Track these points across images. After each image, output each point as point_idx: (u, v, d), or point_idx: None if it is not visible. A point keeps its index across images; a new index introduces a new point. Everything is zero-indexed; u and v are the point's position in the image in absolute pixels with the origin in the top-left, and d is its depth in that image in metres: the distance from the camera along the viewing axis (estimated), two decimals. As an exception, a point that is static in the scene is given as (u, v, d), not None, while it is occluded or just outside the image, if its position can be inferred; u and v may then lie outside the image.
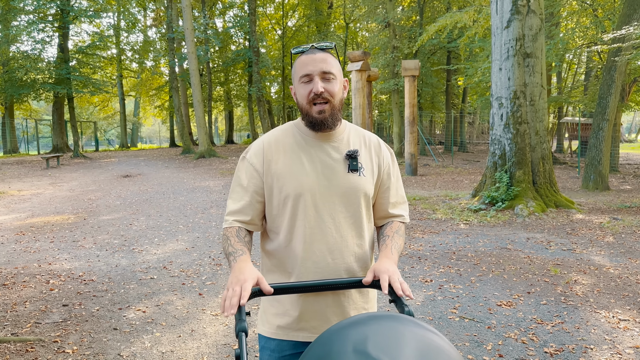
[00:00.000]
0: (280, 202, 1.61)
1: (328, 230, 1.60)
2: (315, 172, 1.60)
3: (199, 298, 4.79)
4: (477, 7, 15.45)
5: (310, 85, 1.55)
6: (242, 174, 1.65)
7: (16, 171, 18.10)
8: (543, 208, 8.87)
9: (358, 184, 1.62)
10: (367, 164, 1.66)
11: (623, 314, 4.25)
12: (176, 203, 10.81)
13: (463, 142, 29.59)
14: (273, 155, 1.62)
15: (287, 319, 1.63)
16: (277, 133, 1.68)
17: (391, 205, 1.74)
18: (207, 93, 32.11)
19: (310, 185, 1.58)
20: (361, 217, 1.65)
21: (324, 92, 1.54)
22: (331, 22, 34.32)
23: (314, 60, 1.54)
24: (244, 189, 1.63)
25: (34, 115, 36.77)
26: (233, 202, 1.64)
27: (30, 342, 3.74)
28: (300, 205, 1.58)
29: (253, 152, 1.65)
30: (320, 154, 1.62)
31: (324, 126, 1.58)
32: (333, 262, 1.60)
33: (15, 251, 6.72)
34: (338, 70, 1.59)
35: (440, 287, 5.07)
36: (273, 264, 1.68)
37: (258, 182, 1.62)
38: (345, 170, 1.62)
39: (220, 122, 63.27)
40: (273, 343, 1.65)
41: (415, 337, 0.93)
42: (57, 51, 24.84)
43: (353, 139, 1.68)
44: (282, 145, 1.64)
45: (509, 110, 9.35)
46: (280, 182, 1.60)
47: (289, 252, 1.62)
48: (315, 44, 1.60)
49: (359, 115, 15.03)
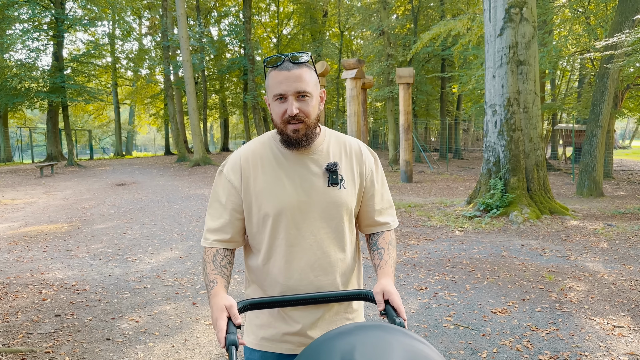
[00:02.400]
0: (260, 220, 1.58)
1: (309, 247, 1.56)
2: (295, 189, 1.56)
3: (193, 307, 4.76)
4: (470, 15, 15.55)
5: (285, 105, 1.49)
6: (220, 190, 1.61)
7: (10, 180, 18.00)
8: (537, 215, 8.88)
9: (339, 198, 1.58)
10: (347, 175, 1.62)
11: (617, 320, 4.25)
12: (171, 211, 10.78)
13: (458, 149, 29.67)
14: (251, 171, 1.58)
15: (271, 331, 1.61)
16: (254, 146, 1.63)
17: (377, 213, 1.69)
18: (203, 101, 32.12)
19: (290, 203, 1.55)
20: (343, 231, 1.61)
21: (299, 113, 1.49)
22: (326, 30, 34.46)
23: (287, 79, 1.47)
24: (223, 207, 1.59)
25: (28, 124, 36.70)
26: (212, 220, 1.61)
27: (22, 352, 3.70)
28: (281, 224, 1.55)
29: (230, 167, 1.61)
30: (299, 169, 1.57)
31: (298, 145, 1.53)
32: (316, 279, 1.57)
33: (7, 261, 6.66)
34: (314, 85, 1.53)
35: (435, 294, 5.06)
36: (252, 279, 1.67)
37: (236, 200, 1.59)
38: (325, 184, 1.57)
39: (216, 129, 63.24)
40: (257, 354, 1.63)
41: (403, 347, 0.93)
42: (51, 59, 24.79)
43: (333, 149, 1.63)
44: (260, 160, 1.59)
45: (503, 117, 9.39)
46: (259, 200, 1.56)
47: (267, 271, 1.59)
48: (290, 55, 1.51)
49: (354, 123, 15.06)
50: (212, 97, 36.67)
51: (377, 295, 1.44)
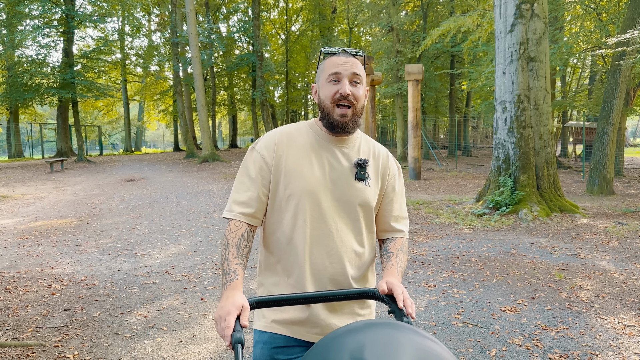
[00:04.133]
0: (284, 199, 1.60)
1: (329, 233, 1.59)
2: (323, 175, 1.60)
3: (201, 303, 4.77)
4: (480, 11, 15.44)
5: (338, 86, 1.56)
6: (251, 165, 1.63)
7: (20, 175, 18.15)
8: (547, 212, 8.81)
9: (362, 193, 1.62)
10: (373, 175, 1.67)
11: (628, 319, 4.20)
12: (179, 207, 10.81)
13: (467, 146, 29.53)
14: (284, 150, 1.61)
15: (282, 315, 1.63)
16: (289, 129, 1.67)
17: (393, 219, 1.73)
18: (211, 97, 32.19)
19: (316, 187, 1.58)
20: (361, 226, 1.65)
21: (350, 95, 1.55)
22: (335, 26, 34.38)
23: (345, 62, 1.56)
24: (252, 181, 1.61)
25: (39, 120, 36.98)
26: (238, 193, 1.62)
27: (31, 346, 3.73)
28: (305, 206, 1.57)
29: (264, 144, 1.63)
30: (330, 158, 1.62)
31: (343, 130, 1.59)
32: (331, 266, 1.59)
33: (18, 255, 6.72)
34: (364, 78, 1.62)
35: (443, 292, 5.03)
36: (273, 261, 1.66)
37: (266, 175, 1.61)
38: (352, 177, 1.62)
39: (224, 126, 63.39)
40: (266, 336, 1.64)
41: (413, 345, 0.91)
42: (61, 56, 24.93)
43: (363, 148, 1.68)
44: (294, 142, 1.63)
45: (513, 114, 9.32)
46: (287, 179, 1.59)
47: (291, 250, 1.61)
48: (347, 49, 1.61)
49: (363, 120, 14.98)
50: (221, 94, 36.75)
51: (382, 285, 1.44)
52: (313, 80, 29.80)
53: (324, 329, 1.62)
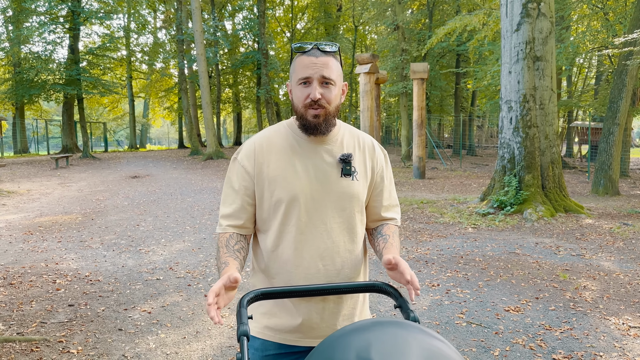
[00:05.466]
0: (271, 207, 1.57)
1: (319, 235, 1.56)
2: (308, 177, 1.56)
3: (205, 300, 4.78)
4: (486, 10, 15.38)
5: (308, 90, 1.50)
6: (234, 176, 1.61)
7: (26, 171, 18.22)
8: (552, 213, 8.78)
9: (351, 189, 1.59)
10: (360, 168, 1.63)
11: (633, 320, 4.18)
12: (183, 204, 10.83)
13: (472, 146, 29.45)
14: (265, 157, 1.58)
15: (275, 321, 1.60)
16: (268, 133, 1.63)
17: (384, 209, 1.71)
18: (216, 95, 32.19)
19: (303, 191, 1.55)
20: (354, 222, 1.62)
21: (321, 98, 1.50)
22: (340, 24, 34.32)
23: (314, 64, 1.49)
24: (235, 192, 1.60)
25: (44, 116, 37.07)
26: (225, 206, 1.62)
27: (36, 341, 3.74)
28: (293, 211, 1.55)
29: (244, 153, 1.61)
30: (314, 157, 1.58)
31: (316, 131, 1.54)
32: (324, 268, 1.56)
33: (22, 250, 6.74)
34: (338, 75, 1.55)
35: (447, 291, 5.02)
36: (260, 267, 1.66)
37: (249, 185, 1.59)
38: (339, 174, 1.58)
39: (229, 123, 63.44)
40: (258, 342, 1.63)
41: (420, 344, 0.90)
42: (67, 52, 24.99)
43: (347, 141, 1.64)
44: (274, 146, 1.59)
45: (519, 113, 9.28)
46: (272, 186, 1.56)
47: (276, 257, 1.59)
48: (318, 43, 1.54)
49: (367, 118, 14.99)
50: (226, 91, 36.75)
51: (387, 261, 1.40)
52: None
53: (319, 332, 1.60)
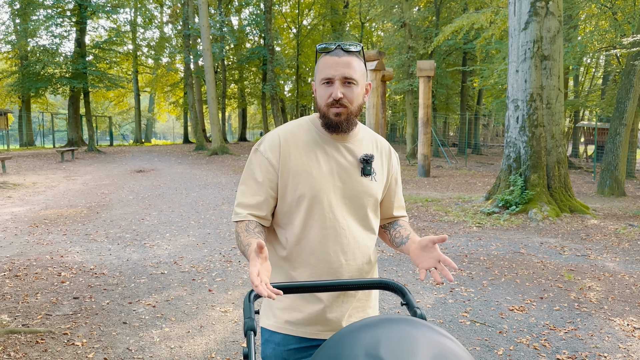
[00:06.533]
0: (294, 200, 1.58)
1: (342, 231, 1.59)
2: (331, 173, 1.59)
3: (209, 294, 4.79)
4: (494, 8, 15.31)
5: (331, 89, 1.53)
6: (257, 168, 1.60)
7: (31, 164, 18.30)
8: (557, 213, 8.75)
9: (370, 189, 1.63)
10: (378, 169, 1.67)
11: (638, 322, 4.17)
12: (188, 199, 10.85)
13: (477, 145, 29.36)
14: (289, 150, 1.58)
15: (296, 314, 1.61)
16: (292, 127, 1.64)
17: (396, 209, 1.79)
18: (222, 90, 32.22)
19: (327, 186, 1.57)
20: (370, 220, 1.67)
21: (343, 98, 1.52)
22: (346, 21, 34.25)
23: (337, 64, 1.51)
24: (259, 185, 1.59)
25: (51, 109, 37.19)
26: (246, 197, 1.60)
27: (41, 333, 3.76)
28: (317, 206, 1.57)
29: (268, 145, 1.60)
30: (336, 155, 1.61)
31: (338, 129, 1.57)
32: (346, 263, 1.60)
33: (28, 243, 6.78)
34: (361, 75, 1.56)
35: (451, 290, 5.01)
36: (278, 259, 1.66)
37: (273, 178, 1.59)
38: (359, 173, 1.62)
39: (234, 119, 63.45)
40: (278, 337, 1.63)
41: (429, 342, 0.90)
42: (74, 46, 25.07)
43: (367, 142, 1.67)
44: (299, 140, 1.60)
45: (525, 113, 9.24)
46: (295, 180, 1.57)
47: (299, 250, 1.60)
48: (342, 43, 1.56)
49: (373, 115, 14.96)
50: (231, 87, 36.77)
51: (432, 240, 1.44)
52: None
53: (339, 326, 1.63)
